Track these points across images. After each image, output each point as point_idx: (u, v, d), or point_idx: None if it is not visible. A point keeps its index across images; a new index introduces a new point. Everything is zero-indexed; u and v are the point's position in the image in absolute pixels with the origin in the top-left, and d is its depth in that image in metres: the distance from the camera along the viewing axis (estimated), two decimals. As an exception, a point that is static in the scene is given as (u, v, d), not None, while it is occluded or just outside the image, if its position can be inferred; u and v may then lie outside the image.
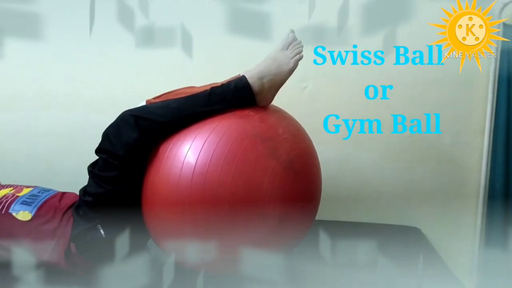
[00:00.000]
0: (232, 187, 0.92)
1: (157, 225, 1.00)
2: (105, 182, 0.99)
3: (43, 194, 1.17)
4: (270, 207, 0.96)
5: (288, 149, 0.99)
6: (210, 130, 0.96)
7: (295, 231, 1.06)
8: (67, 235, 1.05)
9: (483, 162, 1.48)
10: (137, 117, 0.98)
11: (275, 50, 1.07)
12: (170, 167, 0.95)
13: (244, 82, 1.02)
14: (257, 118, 1.01)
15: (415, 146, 1.51)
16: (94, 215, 1.02)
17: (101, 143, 1.01)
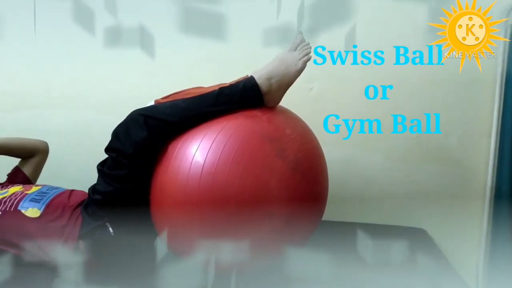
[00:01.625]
0: (240, 187, 0.92)
1: (165, 224, 1.01)
2: (114, 181, 1.00)
3: (52, 191, 1.18)
4: (277, 207, 0.96)
5: (295, 150, 1.00)
6: (218, 130, 0.97)
7: (302, 231, 1.06)
8: (75, 233, 1.06)
9: (489, 163, 1.47)
10: (146, 116, 0.98)
11: (283, 51, 1.07)
12: (179, 167, 0.95)
13: (253, 82, 1.03)
14: (265, 119, 1.02)
15: (421, 147, 1.51)
16: (103, 213, 1.03)
17: (111, 142, 1.02)
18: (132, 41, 1.39)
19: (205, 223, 0.95)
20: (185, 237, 0.97)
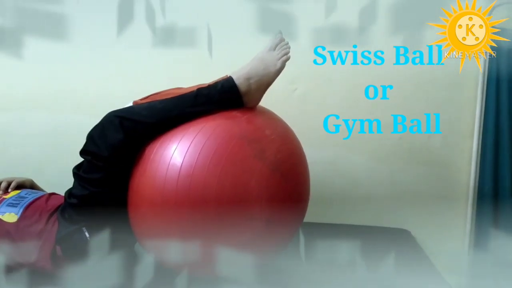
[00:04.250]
0: (219, 189, 0.91)
1: (143, 227, 1.00)
2: (90, 184, 0.98)
3: (30, 195, 1.16)
4: (257, 209, 0.95)
5: (275, 151, 0.99)
6: (196, 131, 0.96)
7: (283, 233, 1.05)
8: (52, 237, 1.04)
9: (472, 163, 1.48)
10: (122, 118, 0.96)
11: (262, 51, 1.06)
12: (156, 169, 0.94)
13: (231, 83, 1.02)
14: (244, 119, 1.01)
15: (405, 148, 1.51)
16: (79, 217, 1.01)
17: (86, 144, 1.00)
18: (113, 39, 1.38)
19: (184, 226, 0.93)
20: (163, 240, 0.96)
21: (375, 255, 1.11)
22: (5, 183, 1.21)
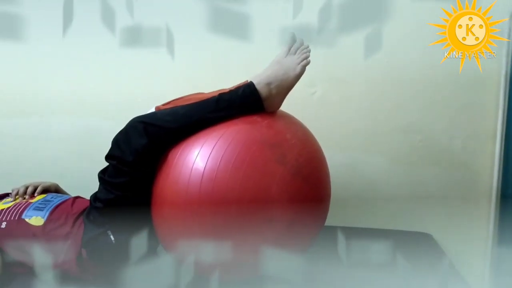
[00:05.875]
0: (240, 193, 0.93)
1: (166, 231, 1.01)
2: (115, 188, 1.00)
3: (56, 199, 1.19)
4: (278, 212, 0.96)
5: (296, 155, 0.99)
6: (218, 136, 0.97)
7: (304, 237, 1.06)
8: (78, 240, 1.06)
9: (495, 166, 1.46)
10: (146, 123, 0.98)
11: (281, 54, 1.07)
12: (179, 174, 0.96)
13: (252, 88, 1.02)
14: (265, 124, 1.02)
15: (426, 150, 1.49)
16: (104, 220, 1.03)
17: (111, 149, 1.02)
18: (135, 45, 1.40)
19: (206, 230, 0.95)
20: (186, 243, 0.97)
21: (399, 259, 1.10)
22: (31, 188, 1.25)
